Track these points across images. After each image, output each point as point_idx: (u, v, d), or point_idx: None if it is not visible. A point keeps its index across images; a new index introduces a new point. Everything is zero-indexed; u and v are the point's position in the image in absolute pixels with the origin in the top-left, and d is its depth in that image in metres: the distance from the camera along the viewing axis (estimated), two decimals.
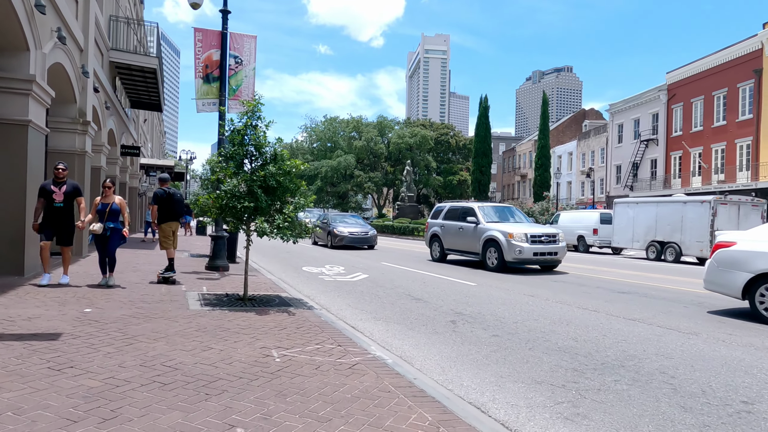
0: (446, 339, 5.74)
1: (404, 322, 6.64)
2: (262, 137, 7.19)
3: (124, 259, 12.30)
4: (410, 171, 50.29)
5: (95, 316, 5.63)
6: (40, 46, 8.50)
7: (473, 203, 14.50)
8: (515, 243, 12.31)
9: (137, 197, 27.93)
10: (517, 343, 5.58)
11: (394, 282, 10.41)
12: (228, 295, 7.66)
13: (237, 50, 11.31)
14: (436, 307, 7.69)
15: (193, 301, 6.97)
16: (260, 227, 6.75)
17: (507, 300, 8.38)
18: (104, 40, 15.04)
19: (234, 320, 5.85)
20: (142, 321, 5.52)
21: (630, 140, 44.90)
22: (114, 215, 7.88)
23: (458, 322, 6.60)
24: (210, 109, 11.25)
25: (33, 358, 3.98)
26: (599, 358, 5.00)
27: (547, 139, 45.87)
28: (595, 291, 9.73)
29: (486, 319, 6.84)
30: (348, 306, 7.74)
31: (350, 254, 17.30)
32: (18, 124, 8.08)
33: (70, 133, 11.82)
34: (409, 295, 8.82)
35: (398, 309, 7.51)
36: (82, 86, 12.00)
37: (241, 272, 10.69)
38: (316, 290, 9.24)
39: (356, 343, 5.13)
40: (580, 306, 7.93)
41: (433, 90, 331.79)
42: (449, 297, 8.60)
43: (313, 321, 6.09)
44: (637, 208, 20.33)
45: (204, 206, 7.32)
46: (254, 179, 6.95)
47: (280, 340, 5.04)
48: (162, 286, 8.12)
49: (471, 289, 9.50)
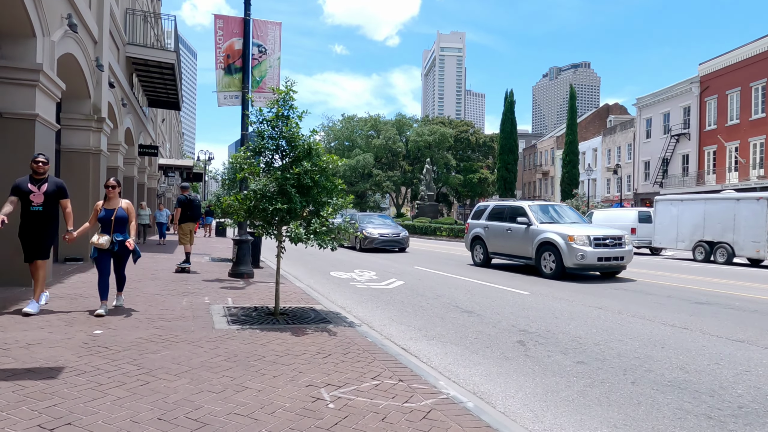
0: (521, 367, 4.76)
1: (462, 342, 5.68)
2: (295, 129, 6.28)
3: (142, 265, 11.52)
4: (430, 169, 49.19)
5: (106, 341, 4.77)
6: (48, 33, 7.71)
7: (523, 202, 13.14)
8: (577, 247, 10.94)
9: (156, 198, 27.37)
10: (612, 373, 4.58)
11: (436, 290, 9.44)
12: (257, 308, 6.78)
13: (260, 38, 10.44)
14: (494, 322, 6.71)
15: (218, 318, 6.09)
16: (296, 232, 5.83)
17: (573, 313, 7.35)
18: (120, 34, 14.32)
19: (268, 344, 4.94)
20: (160, 347, 4.64)
21: (659, 135, 43.22)
22: (121, 224, 6.14)
23: (527, 343, 5.61)
24: (232, 102, 10.40)
25: (21, 410, 3.09)
26: (730, 399, 3.98)
27: (575, 134, 44.33)
28: (668, 301, 8.62)
29: (559, 338, 5.84)
30: (391, 320, 6.81)
31: (379, 257, 16.35)
32: (24, 119, 7.30)
33: (84, 130, 11.08)
34: (456, 306, 7.84)
35: (450, 325, 6.55)
36: (97, 81, 11.26)
37: (267, 279, 9.87)
38: (352, 300, 8.32)
39: (418, 375, 4.18)
40: (663, 321, 6.86)
41: (448, 88, 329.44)
42: (504, 309, 7.60)
43: (360, 343, 5.16)
44: (681, 206, 19.02)
45: (229, 208, 6.44)
46: (287, 177, 6.04)
47: (327, 372, 4.11)
48: (183, 299, 7.26)
49: (526, 300, 8.48)
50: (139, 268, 10.82)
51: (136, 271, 10.22)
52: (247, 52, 10.20)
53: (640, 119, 45.72)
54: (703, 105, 38.39)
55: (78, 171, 10.94)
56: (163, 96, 20.93)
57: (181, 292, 7.89)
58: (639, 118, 45.89)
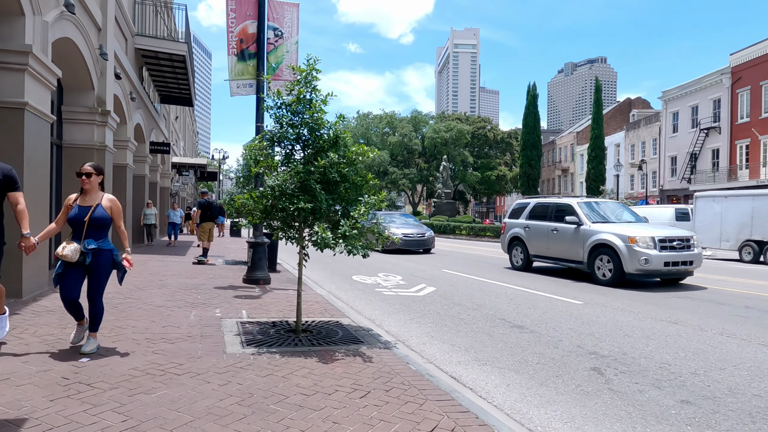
0: (609, 408, 3.75)
1: (524, 369, 4.67)
2: (319, 114, 5.32)
3: (150, 269, 10.68)
4: (447, 166, 48.07)
5: (91, 374, 3.85)
6: (39, 12, 6.85)
7: (570, 199, 11.80)
8: (639, 250, 9.52)
9: (169, 198, 26.70)
10: (737, 420, 3.54)
11: (474, 299, 8.43)
12: (275, 324, 5.84)
13: (276, 21, 9.51)
14: (554, 340, 5.68)
15: (230, 337, 5.16)
16: (322, 237, 4.86)
17: (645, 330, 6.26)
18: (128, 24, 13.52)
19: (291, 376, 3.99)
20: (158, 382, 3.71)
21: (687, 129, 41.55)
22: (99, 227, 4.40)
23: (605, 372, 4.58)
24: (246, 91, 9.49)
25: None
26: None
27: (602, 129, 42.65)
28: (751, 314, 7.43)
29: (642, 365, 4.80)
30: (430, 338, 5.82)
31: (403, 259, 15.34)
32: (10, 107, 6.43)
33: (88, 124, 10.26)
34: (503, 319, 6.82)
35: (501, 344, 5.55)
36: (101, 71, 10.43)
37: (285, 285, 8.94)
38: (381, 311, 7.35)
39: (486, 424, 3.20)
40: (761, 341, 5.76)
41: (462, 85, 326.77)
42: (561, 324, 6.56)
43: (402, 373, 4.19)
44: (726, 203, 17.72)
45: (243, 208, 5.51)
46: (311, 171, 5.09)
47: (369, 422, 3.15)
48: (191, 312, 6.35)
49: (582, 312, 7.41)
50: (146, 273, 9.97)
51: (142, 277, 9.37)
52: (261, 36, 9.27)
53: (666, 113, 44.04)
54: (734, 97, 36.69)
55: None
56: (175, 91, 20.17)
57: (189, 302, 6.99)
58: (665, 111, 44.22)
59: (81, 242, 4.34)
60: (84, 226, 4.36)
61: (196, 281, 9.09)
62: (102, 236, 4.46)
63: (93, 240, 4.38)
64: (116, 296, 7.21)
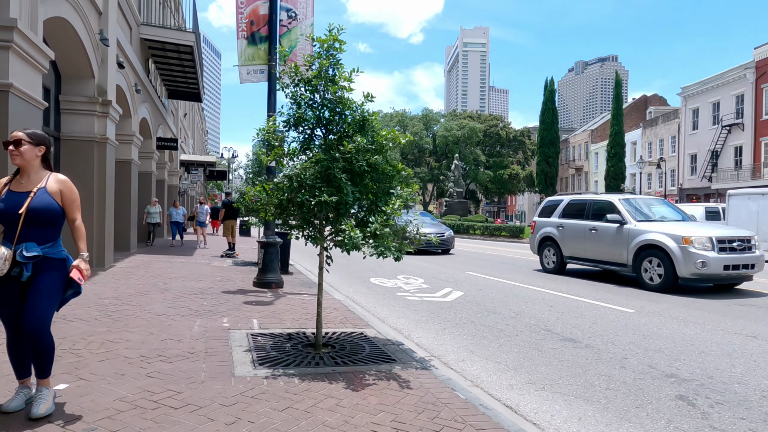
0: None
1: (593, 396, 3.85)
2: (343, 92, 4.53)
3: (154, 271, 9.96)
4: (458, 165, 47.10)
5: (66, 411, 3.08)
6: None
7: (611, 195, 10.72)
8: (695, 251, 8.50)
9: (177, 196, 26.08)
10: None
11: (508, 305, 7.60)
12: (291, 336, 5.06)
13: (290, 1, 8.73)
14: (618, 358, 4.84)
15: (240, 354, 4.38)
16: (349, 237, 4.06)
17: (723, 346, 5.38)
18: (133, 12, 12.83)
19: (315, 410, 3.20)
20: (148, 419, 2.93)
21: (707, 126, 40.34)
22: (42, 223, 2.96)
23: (697, 402, 3.74)
24: (256, 78, 8.73)
25: None
26: None
27: (621, 125, 41.45)
28: None
29: (738, 392, 3.95)
30: (470, 353, 5.01)
31: (422, 260, 14.51)
32: None
33: (88, 115, 9.56)
34: (548, 330, 5.99)
35: (555, 362, 4.72)
36: (102, 58, 9.72)
37: (299, 289, 8.14)
38: (407, 319, 6.55)
39: None
40: None
41: (472, 84, 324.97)
42: (617, 336, 5.72)
43: (450, 403, 3.39)
44: (763, 201, 16.71)
45: (255, 203, 4.74)
46: (335, 158, 4.30)
47: None
48: (196, 322, 5.58)
49: (637, 322, 6.54)
50: (149, 275, 9.25)
51: (144, 281, 8.64)
52: (274, 18, 8.49)
53: (686, 109, 42.82)
54: (759, 92, 35.46)
55: (80, 162, 9.43)
56: (183, 86, 19.51)
57: (194, 310, 6.23)
58: (684, 108, 43.00)
59: (14, 247, 2.89)
60: (18, 222, 2.89)
61: (202, 285, 8.34)
62: (49, 237, 2.99)
63: (34, 244, 2.91)
64: (112, 302, 6.48)
